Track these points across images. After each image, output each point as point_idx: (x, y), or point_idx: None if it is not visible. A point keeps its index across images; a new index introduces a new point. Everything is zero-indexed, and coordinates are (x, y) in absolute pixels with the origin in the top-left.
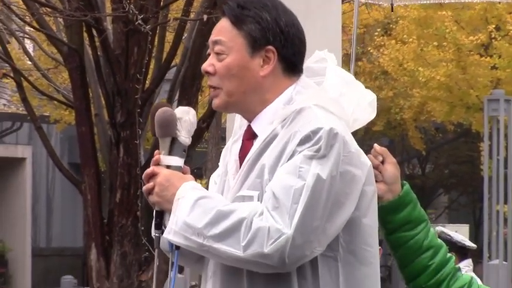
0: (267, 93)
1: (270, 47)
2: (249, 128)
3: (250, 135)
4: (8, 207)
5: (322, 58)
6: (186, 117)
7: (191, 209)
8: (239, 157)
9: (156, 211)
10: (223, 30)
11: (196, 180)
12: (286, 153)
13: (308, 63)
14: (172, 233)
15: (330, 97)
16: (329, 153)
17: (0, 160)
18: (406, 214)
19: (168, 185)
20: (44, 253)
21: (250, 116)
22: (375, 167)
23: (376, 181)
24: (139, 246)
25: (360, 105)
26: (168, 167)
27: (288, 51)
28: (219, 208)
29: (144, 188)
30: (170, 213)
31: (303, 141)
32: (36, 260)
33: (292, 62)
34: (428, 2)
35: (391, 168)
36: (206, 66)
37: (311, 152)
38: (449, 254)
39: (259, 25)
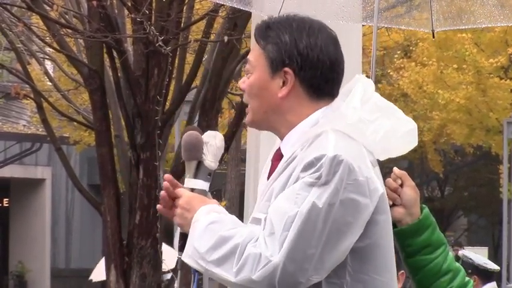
0: (288, 115)
1: (287, 68)
2: (279, 148)
3: (278, 156)
4: (27, 228)
5: (356, 81)
6: (212, 142)
7: (201, 234)
8: (268, 178)
9: (181, 233)
10: (253, 49)
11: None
12: (292, 179)
13: (348, 86)
14: (187, 256)
15: (348, 122)
16: (330, 181)
17: (20, 181)
18: (426, 237)
19: (189, 208)
20: (63, 274)
21: (280, 136)
22: (394, 190)
23: (395, 205)
24: (158, 268)
25: (395, 133)
26: (192, 190)
27: (307, 73)
28: (221, 233)
29: (157, 206)
30: None
31: (306, 168)
32: (55, 281)
33: (313, 84)
34: (466, 27)
35: (410, 191)
36: (240, 82)
37: (312, 179)
38: (467, 278)
39: (276, 46)
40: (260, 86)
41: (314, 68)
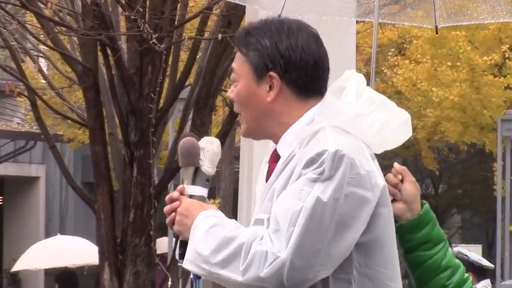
0: (281, 117)
1: (271, 72)
2: (275, 150)
3: (275, 158)
4: (21, 226)
5: (347, 77)
6: (209, 147)
7: (203, 238)
8: (266, 180)
9: (180, 240)
10: (236, 58)
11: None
12: (293, 176)
13: (338, 82)
14: (188, 262)
15: (345, 117)
16: (333, 176)
17: (14, 179)
18: (426, 233)
19: (187, 214)
20: (57, 272)
21: (275, 140)
22: (394, 186)
23: (395, 200)
24: (152, 266)
25: (389, 125)
26: (191, 196)
27: (292, 75)
28: (224, 235)
29: (167, 220)
30: None
31: (308, 164)
32: (49, 279)
33: (300, 85)
34: (469, 23)
35: (410, 186)
36: (229, 92)
37: (314, 175)
38: (466, 275)
39: (258, 52)
40: (248, 94)
41: (298, 68)
